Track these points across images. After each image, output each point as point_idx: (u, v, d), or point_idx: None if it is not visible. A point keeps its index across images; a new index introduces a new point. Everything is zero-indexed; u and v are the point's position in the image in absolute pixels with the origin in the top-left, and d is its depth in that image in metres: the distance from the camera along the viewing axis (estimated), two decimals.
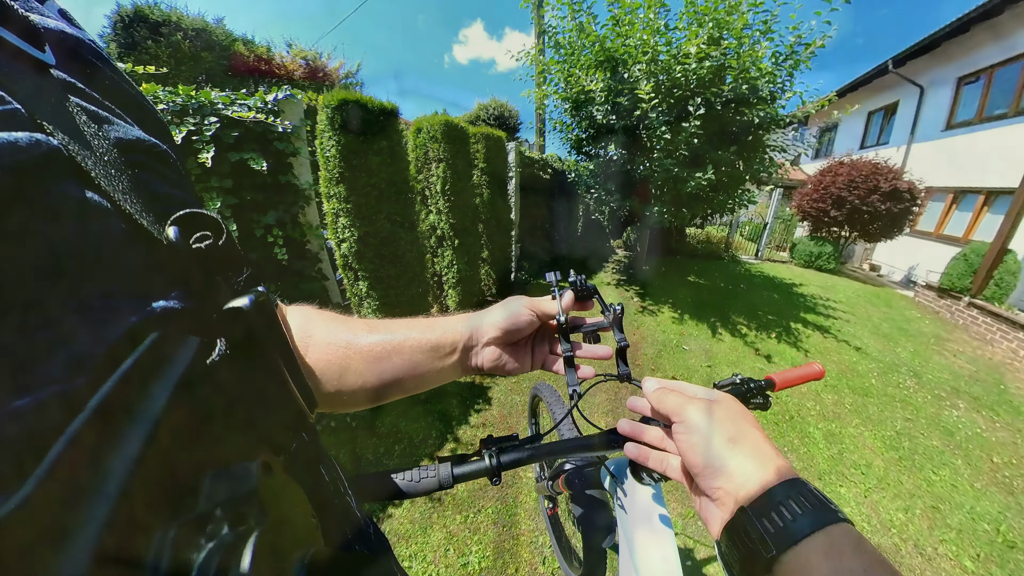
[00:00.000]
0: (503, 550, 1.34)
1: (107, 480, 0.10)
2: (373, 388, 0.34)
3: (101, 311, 0.13)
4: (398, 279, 2.59)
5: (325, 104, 2.11)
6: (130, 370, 0.12)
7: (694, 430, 0.27)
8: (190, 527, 0.12)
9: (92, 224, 0.13)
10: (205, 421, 0.15)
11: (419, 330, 0.36)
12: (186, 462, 0.13)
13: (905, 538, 1.50)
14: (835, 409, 2.36)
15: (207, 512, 0.12)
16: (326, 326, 0.35)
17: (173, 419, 0.13)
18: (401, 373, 0.35)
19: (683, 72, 3.04)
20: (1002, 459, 2.02)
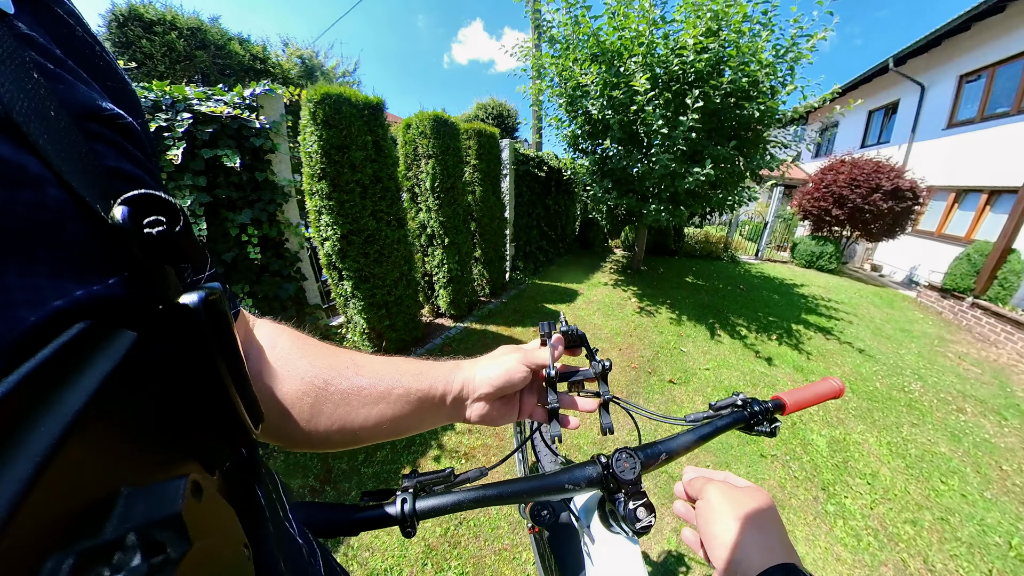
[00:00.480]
0: (484, 566, 1.27)
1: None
2: (349, 433, 0.32)
3: (20, 291, 0.11)
4: (384, 278, 2.50)
5: (308, 99, 2.03)
6: (45, 363, 0.10)
7: (712, 507, 0.30)
8: (91, 556, 0.10)
9: (23, 192, 0.12)
10: (129, 430, 0.13)
11: (409, 377, 0.35)
12: (98, 477, 0.11)
13: (913, 553, 1.42)
14: (839, 414, 2.27)
15: (116, 539, 0.10)
16: (305, 356, 0.32)
17: (90, 425, 0.11)
18: (383, 421, 0.33)
19: (680, 65, 2.96)
20: (1012, 466, 1.94)
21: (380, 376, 0.34)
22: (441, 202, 2.92)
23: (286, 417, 0.30)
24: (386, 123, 2.33)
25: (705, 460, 1.80)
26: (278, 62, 10.12)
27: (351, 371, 0.33)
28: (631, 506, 0.32)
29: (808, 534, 1.46)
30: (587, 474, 0.36)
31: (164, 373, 0.14)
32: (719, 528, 0.28)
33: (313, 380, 0.31)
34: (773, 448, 1.92)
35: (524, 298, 3.85)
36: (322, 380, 0.31)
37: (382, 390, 0.33)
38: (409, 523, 0.33)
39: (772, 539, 0.26)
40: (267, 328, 0.33)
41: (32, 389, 0.10)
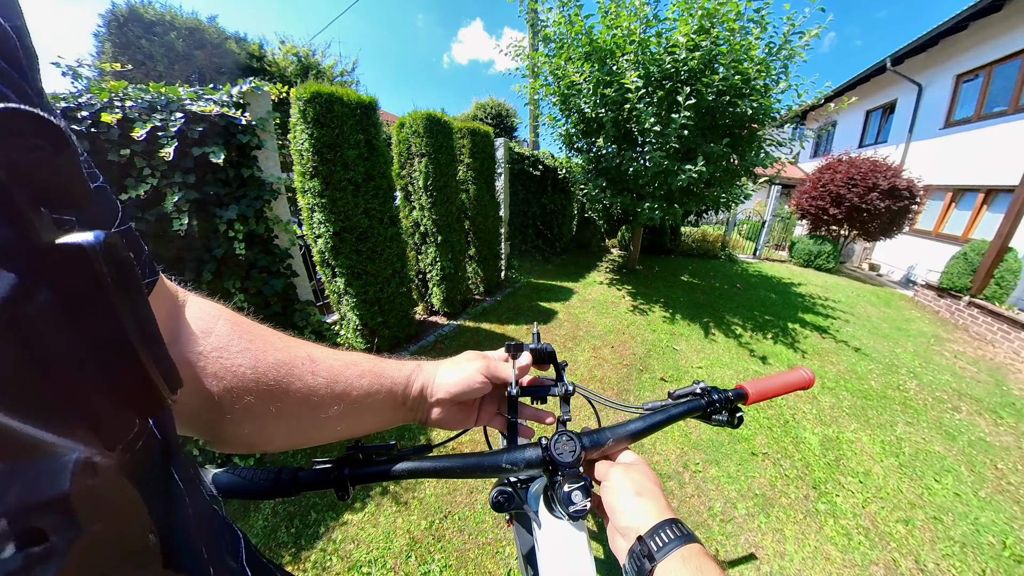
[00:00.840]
0: (467, 559, 1.26)
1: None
2: (299, 434, 0.30)
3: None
4: (377, 276, 2.50)
5: (297, 97, 2.03)
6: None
7: (612, 485, 0.35)
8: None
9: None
10: (5, 393, 0.10)
11: (368, 379, 0.33)
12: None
13: (905, 552, 1.40)
14: (832, 413, 2.26)
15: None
16: (248, 349, 0.28)
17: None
18: (338, 423, 0.31)
19: (673, 63, 2.96)
20: (1007, 465, 1.92)
21: (337, 375, 0.31)
22: (434, 200, 2.92)
23: (219, 415, 0.27)
24: (379, 122, 2.34)
25: (695, 457, 1.78)
26: (274, 60, 10.12)
27: (307, 367, 0.30)
28: (566, 489, 0.31)
29: (798, 532, 1.45)
30: (526, 456, 0.35)
31: (52, 328, 0.12)
32: (620, 503, 0.33)
33: (260, 378, 0.27)
34: (764, 446, 1.90)
35: (519, 296, 3.84)
36: (271, 378, 0.28)
37: (339, 391, 0.31)
38: (343, 486, 0.34)
39: (660, 504, 0.33)
40: (200, 308, 0.28)
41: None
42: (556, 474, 0.34)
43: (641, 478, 0.35)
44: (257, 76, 9.00)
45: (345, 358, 0.33)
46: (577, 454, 0.35)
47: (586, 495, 0.32)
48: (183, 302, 0.28)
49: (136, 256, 0.22)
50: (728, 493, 1.60)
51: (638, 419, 0.41)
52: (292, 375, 0.29)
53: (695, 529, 1.42)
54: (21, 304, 0.11)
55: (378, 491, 1.49)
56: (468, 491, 1.51)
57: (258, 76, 8.98)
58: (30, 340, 0.11)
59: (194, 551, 0.19)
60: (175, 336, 0.26)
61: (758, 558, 1.33)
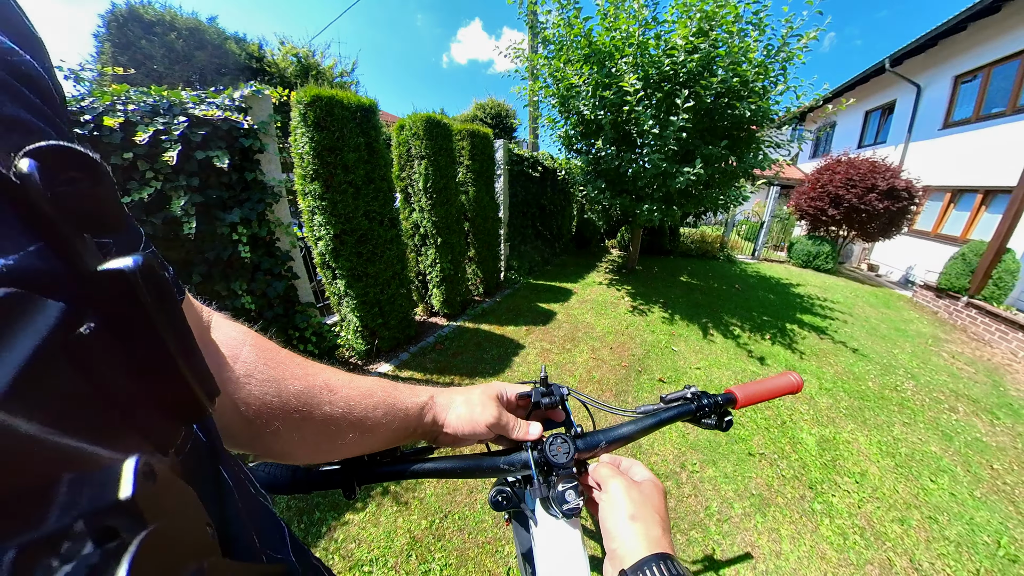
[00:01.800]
0: (467, 558, 1.27)
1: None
2: (319, 453, 0.33)
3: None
4: (377, 277, 2.51)
5: (297, 100, 2.05)
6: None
7: (610, 500, 0.33)
8: (37, 547, 0.09)
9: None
10: (66, 410, 0.12)
11: (382, 410, 0.35)
12: (30, 464, 0.10)
13: (900, 552, 1.42)
14: (829, 413, 2.27)
15: (61, 528, 0.10)
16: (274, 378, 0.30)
17: (13, 411, 0.10)
18: (353, 445, 0.34)
19: (672, 65, 2.97)
20: (1003, 465, 1.93)
21: (353, 405, 0.33)
22: (434, 202, 2.93)
23: (253, 435, 0.29)
24: (379, 125, 2.35)
25: (692, 457, 1.80)
26: (274, 61, 10.12)
27: (325, 397, 0.32)
28: (560, 488, 0.33)
29: (793, 532, 1.46)
30: (522, 457, 0.37)
31: (102, 347, 0.13)
32: (613, 523, 0.31)
33: (284, 406, 0.29)
34: (761, 447, 1.92)
35: (518, 297, 3.85)
36: (294, 407, 0.30)
37: (354, 419, 0.33)
38: (350, 487, 0.36)
39: (654, 533, 0.29)
40: (226, 332, 0.30)
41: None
42: (551, 474, 0.36)
43: (641, 499, 0.32)
44: (257, 77, 9.01)
45: (361, 386, 0.34)
46: (571, 455, 0.36)
47: (579, 494, 0.33)
48: (208, 322, 0.29)
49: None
50: (725, 493, 1.62)
51: (630, 422, 0.42)
52: (312, 404, 0.31)
53: (691, 529, 1.43)
54: (72, 329, 0.12)
55: (379, 491, 1.51)
56: (468, 491, 1.52)
57: (258, 77, 8.99)
58: (82, 363, 0.12)
59: (247, 541, 0.20)
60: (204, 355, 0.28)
61: (754, 557, 1.35)
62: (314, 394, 0.31)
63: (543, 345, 2.85)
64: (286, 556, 0.26)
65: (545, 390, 0.41)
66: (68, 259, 0.13)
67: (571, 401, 0.47)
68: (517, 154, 4.33)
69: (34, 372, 0.10)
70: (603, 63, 3.22)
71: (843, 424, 2.18)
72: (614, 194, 3.75)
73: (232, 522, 0.20)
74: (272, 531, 0.26)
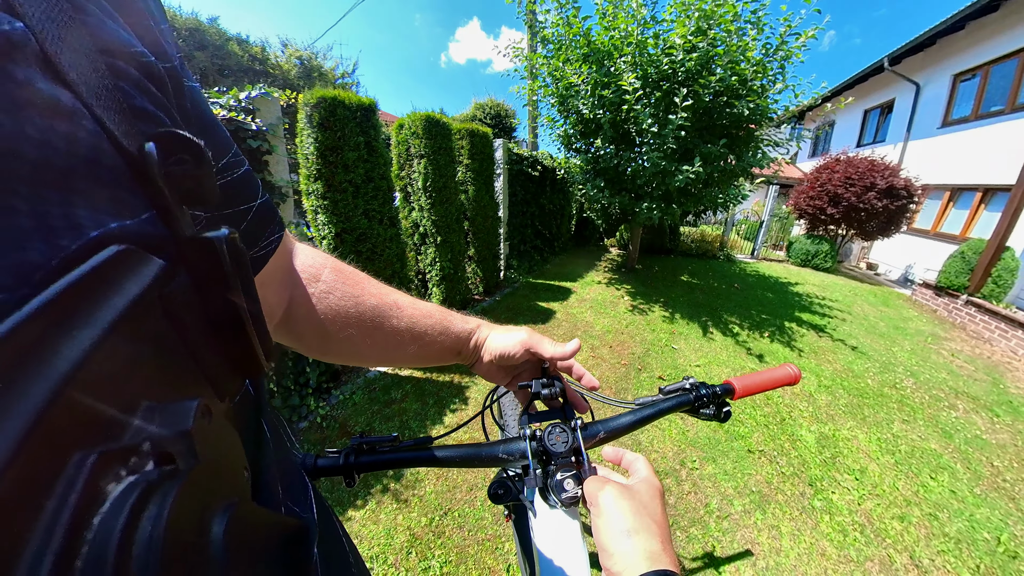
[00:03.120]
0: (467, 555, 1.27)
1: (29, 391, 0.09)
2: (383, 357, 0.39)
3: (60, 219, 0.12)
4: (376, 276, 2.49)
5: (304, 102, 2.07)
6: (81, 279, 0.11)
7: (602, 514, 0.30)
8: (112, 457, 0.11)
9: (59, 124, 0.12)
10: (151, 349, 0.14)
11: (439, 329, 0.40)
12: (122, 389, 0.12)
13: (900, 549, 1.42)
14: (829, 411, 2.27)
15: (133, 445, 0.11)
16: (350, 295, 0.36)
17: (117, 340, 0.12)
18: (410, 356, 0.39)
19: (670, 64, 2.97)
20: (1003, 463, 1.93)
21: (416, 322, 0.38)
22: (433, 201, 2.93)
23: (325, 340, 0.35)
24: (378, 124, 2.37)
25: (692, 454, 1.80)
26: (277, 63, 10.13)
27: (394, 312, 0.37)
28: (559, 477, 0.33)
29: (793, 529, 1.46)
30: (521, 446, 0.37)
31: (187, 303, 0.15)
32: (608, 539, 0.28)
33: (360, 316, 0.35)
34: (761, 443, 1.92)
35: (517, 296, 3.85)
36: (368, 318, 0.36)
37: (416, 334, 0.38)
38: (350, 474, 0.37)
39: (654, 546, 0.27)
40: (310, 257, 0.35)
41: (70, 303, 0.10)
42: (549, 464, 0.35)
43: (637, 508, 0.29)
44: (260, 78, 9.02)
45: (423, 308, 0.40)
46: (570, 445, 0.36)
47: (578, 483, 0.33)
48: (291, 250, 0.33)
49: (269, 216, 0.28)
50: (725, 490, 1.61)
51: (629, 413, 0.42)
52: (383, 317, 0.37)
53: (690, 526, 1.43)
54: (167, 283, 0.14)
55: (379, 488, 1.51)
56: (468, 488, 1.52)
57: (261, 78, 8.99)
58: (172, 311, 0.14)
59: (272, 490, 0.22)
60: (291, 280, 0.33)
61: (754, 554, 1.34)
62: (385, 309, 0.37)
63: None
64: (306, 511, 0.27)
65: (546, 381, 0.41)
66: (171, 226, 0.15)
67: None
68: (516, 153, 4.33)
69: (137, 311, 0.12)
70: (602, 62, 3.22)
71: (842, 421, 2.18)
72: (613, 193, 3.75)
73: (264, 471, 0.21)
74: (297, 487, 0.28)
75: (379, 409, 2.02)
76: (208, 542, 0.13)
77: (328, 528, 0.31)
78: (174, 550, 0.11)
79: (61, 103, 0.12)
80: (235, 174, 0.24)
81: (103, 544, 0.10)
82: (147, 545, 0.10)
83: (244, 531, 0.14)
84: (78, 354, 0.10)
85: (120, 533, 0.10)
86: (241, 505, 0.14)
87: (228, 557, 0.13)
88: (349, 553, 0.33)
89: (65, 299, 0.10)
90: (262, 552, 0.16)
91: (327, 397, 2.08)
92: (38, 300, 0.10)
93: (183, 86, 0.21)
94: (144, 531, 0.10)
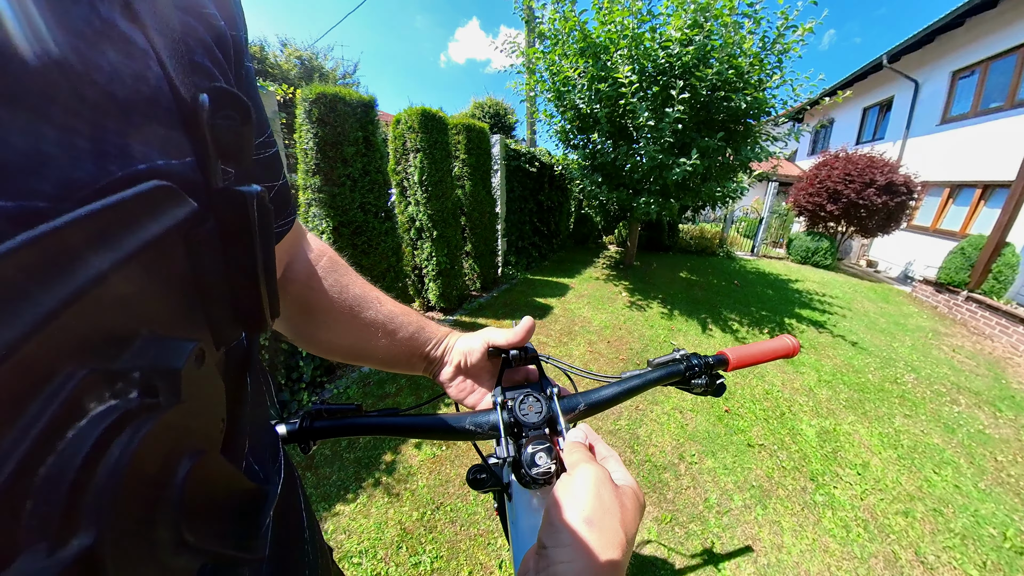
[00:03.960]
0: (458, 551, 1.24)
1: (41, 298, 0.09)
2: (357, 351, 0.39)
3: (113, 147, 0.12)
4: (372, 270, 2.48)
5: (303, 97, 2.06)
6: (120, 203, 0.12)
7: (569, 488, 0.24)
8: (101, 377, 0.11)
9: (130, 62, 0.13)
10: (165, 284, 0.14)
11: (414, 327, 0.41)
12: (128, 314, 0.12)
13: (905, 545, 1.38)
14: (829, 405, 2.24)
15: (124, 371, 0.12)
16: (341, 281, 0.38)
17: (136, 267, 0.12)
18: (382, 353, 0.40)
19: (667, 57, 2.95)
20: (1007, 457, 1.90)
21: (394, 315, 0.40)
22: (429, 195, 2.90)
23: (310, 321, 0.37)
24: (377, 120, 2.37)
25: (691, 448, 1.76)
26: (276, 63, 10.13)
27: (375, 304, 0.39)
28: (530, 450, 0.29)
29: (795, 525, 1.42)
30: (490, 418, 0.33)
31: (209, 248, 0.16)
32: (558, 516, 0.22)
33: (345, 300, 0.37)
34: (761, 437, 1.88)
35: (515, 292, 3.82)
36: (351, 304, 0.37)
37: (391, 328, 0.39)
38: (304, 439, 0.35)
39: (610, 555, 0.21)
40: (313, 244, 0.38)
41: (103, 222, 0.11)
42: (521, 436, 0.32)
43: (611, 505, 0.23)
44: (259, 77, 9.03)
45: (402, 307, 0.41)
46: (544, 415, 0.33)
47: (552, 458, 0.29)
48: (300, 234, 0.36)
49: (285, 200, 0.30)
50: (724, 485, 1.58)
51: (613, 385, 0.39)
52: (363, 306, 0.38)
53: (689, 522, 1.40)
54: (195, 225, 0.15)
55: (370, 482, 1.47)
56: (460, 483, 1.48)
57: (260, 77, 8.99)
58: (194, 252, 0.15)
59: (239, 444, 0.22)
60: (294, 260, 0.36)
61: (755, 551, 1.31)
62: (368, 299, 0.39)
63: (539, 339, 2.82)
64: (269, 474, 0.27)
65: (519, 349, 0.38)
66: (206, 174, 0.16)
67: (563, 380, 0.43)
68: (514, 149, 4.31)
69: (162, 245, 0.13)
70: (598, 56, 3.20)
71: (843, 416, 2.14)
72: (611, 188, 3.72)
73: (234, 423, 0.21)
74: (265, 448, 0.28)
75: (373, 403, 1.98)
76: (167, 483, 0.12)
77: (289, 498, 0.30)
78: (134, 482, 0.11)
79: (135, 44, 0.13)
80: (266, 153, 0.26)
81: (70, 458, 0.10)
82: (110, 470, 0.10)
83: (204, 482, 0.14)
84: (96, 271, 0.10)
85: (88, 451, 0.10)
86: (208, 455, 0.14)
87: (182, 504, 0.13)
88: (307, 528, 0.32)
89: (100, 218, 0.11)
90: (215, 508, 0.16)
91: (320, 391, 2.04)
92: (74, 213, 0.10)
93: (243, 58, 0.22)
94: (111, 455, 0.10)
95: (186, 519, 0.13)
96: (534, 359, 0.38)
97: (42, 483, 0.09)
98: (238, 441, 0.21)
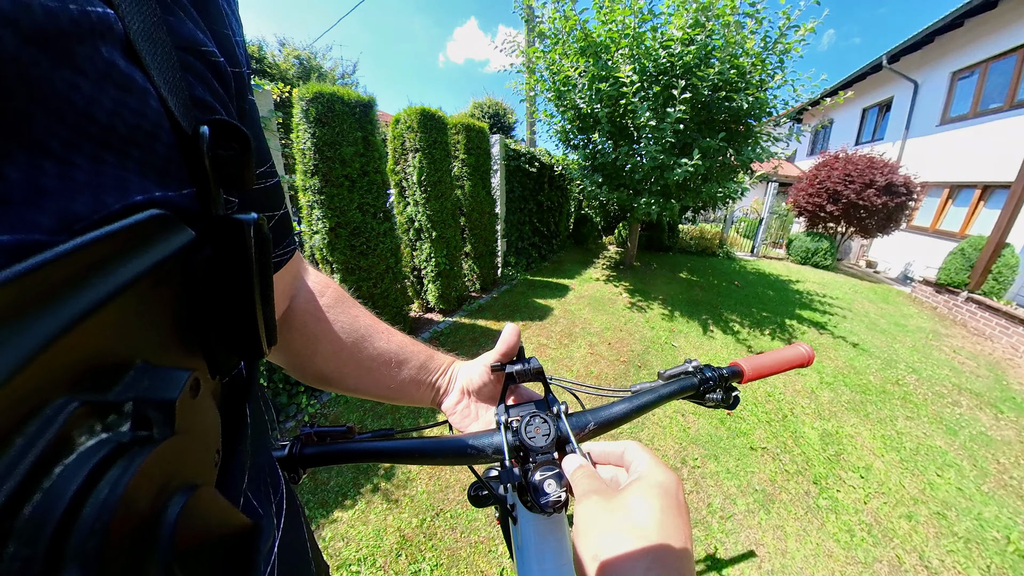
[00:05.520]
0: (459, 558, 1.22)
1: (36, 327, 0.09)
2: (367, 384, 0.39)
3: (111, 179, 0.13)
4: (371, 271, 2.46)
5: (300, 97, 2.04)
6: (115, 233, 0.12)
7: (576, 527, 0.24)
8: (92, 408, 0.11)
9: (130, 99, 0.14)
10: (161, 312, 0.14)
11: (423, 356, 0.41)
12: (123, 343, 0.12)
13: (909, 549, 1.37)
14: (831, 407, 2.23)
15: (117, 402, 0.11)
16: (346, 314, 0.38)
17: (131, 296, 0.12)
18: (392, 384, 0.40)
19: (668, 57, 2.94)
20: (1009, 460, 1.89)
21: (404, 346, 0.40)
22: (428, 196, 2.88)
23: (313, 354, 0.36)
24: (376, 120, 2.35)
25: (693, 452, 1.75)
26: (275, 62, 10.08)
27: (384, 335, 0.40)
28: (537, 477, 0.27)
29: (799, 529, 1.41)
30: (493, 440, 0.31)
31: (206, 276, 0.16)
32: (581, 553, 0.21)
33: (352, 332, 0.37)
34: (764, 441, 1.87)
35: (515, 293, 3.80)
36: (360, 335, 0.38)
37: (403, 359, 0.40)
38: (293, 468, 0.32)
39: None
40: (317, 276, 0.38)
41: (99, 252, 0.11)
42: (528, 460, 0.30)
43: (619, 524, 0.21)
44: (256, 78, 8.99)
45: (410, 338, 0.42)
46: (552, 437, 0.30)
47: (561, 485, 0.27)
48: (300, 265, 0.36)
49: (285, 231, 0.30)
50: (727, 489, 1.57)
51: (624, 401, 0.37)
52: (373, 336, 0.39)
53: (693, 527, 1.38)
54: (192, 254, 0.15)
55: (369, 488, 1.45)
56: (461, 488, 1.47)
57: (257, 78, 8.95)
58: (190, 279, 0.15)
59: (237, 477, 0.21)
60: (299, 291, 0.36)
61: (759, 556, 1.30)
62: (378, 330, 0.39)
63: (540, 341, 2.80)
64: (267, 506, 0.26)
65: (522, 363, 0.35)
66: (206, 204, 0.17)
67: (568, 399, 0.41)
68: (514, 149, 4.29)
69: (158, 273, 0.13)
70: (599, 55, 3.18)
71: (845, 418, 2.13)
72: (611, 188, 3.71)
73: (231, 456, 0.21)
74: (265, 479, 0.27)
75: (372, 406, 1.96)
76: (159, 522, 0.12)
77: (293, 532, 0.29)
78: (122, 522, 0.10)
79: (135, 82, 0.14)
80: (267, 183, 0.27)
81: (56, 497, 0.09)
82: (98, 510, 0.10)
83: (197, 519, 0.13)
84: (89, 301, 0.10)
85: (75, 490, 0.10)
86: (202, 490, 0.14)
87: (173, 542, 0.12)
88: (311, 562, 0.32)
89: (93, 248, 0.11)
90: (209, 546, 0.15)
91: (319, 395, 2.02)
92: (66, 245, 0.10)
93: (246, 93, 0.23)
94: (100, 493, 0.10)
95: (178, 559, 0.12)
96: (539, 374, 0.36)
97: (25, 524, 0.09)
98: (235, 475, 0.21)
